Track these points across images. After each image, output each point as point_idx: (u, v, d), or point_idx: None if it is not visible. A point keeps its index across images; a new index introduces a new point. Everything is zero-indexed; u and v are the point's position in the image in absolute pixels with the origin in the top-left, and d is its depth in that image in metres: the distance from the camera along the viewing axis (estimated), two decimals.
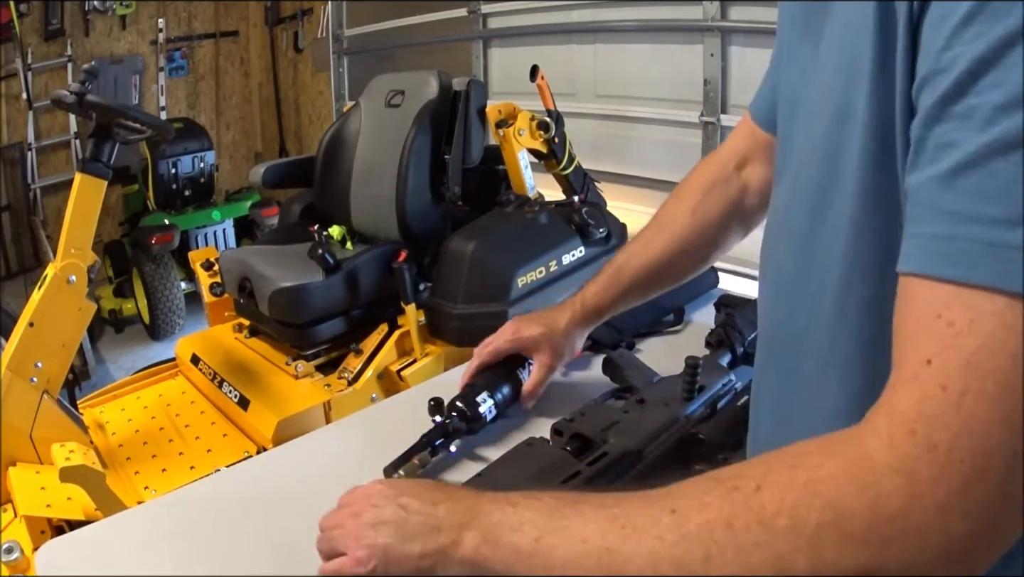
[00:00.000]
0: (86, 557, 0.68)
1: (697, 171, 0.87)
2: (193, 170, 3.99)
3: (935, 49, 0.36)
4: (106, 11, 4.42)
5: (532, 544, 0.44)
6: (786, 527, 0.36)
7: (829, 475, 0.37)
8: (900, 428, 0.35)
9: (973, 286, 0.33)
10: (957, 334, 0.34)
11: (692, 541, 0.38)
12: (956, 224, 0.34)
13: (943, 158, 0.35)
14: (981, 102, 0.33)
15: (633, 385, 0.88)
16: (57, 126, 4.34)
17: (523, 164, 2.34)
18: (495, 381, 0.86)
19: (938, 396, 0.34)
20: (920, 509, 0.34)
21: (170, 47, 4.77)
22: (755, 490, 0.38)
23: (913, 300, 0.37)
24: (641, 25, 2.79)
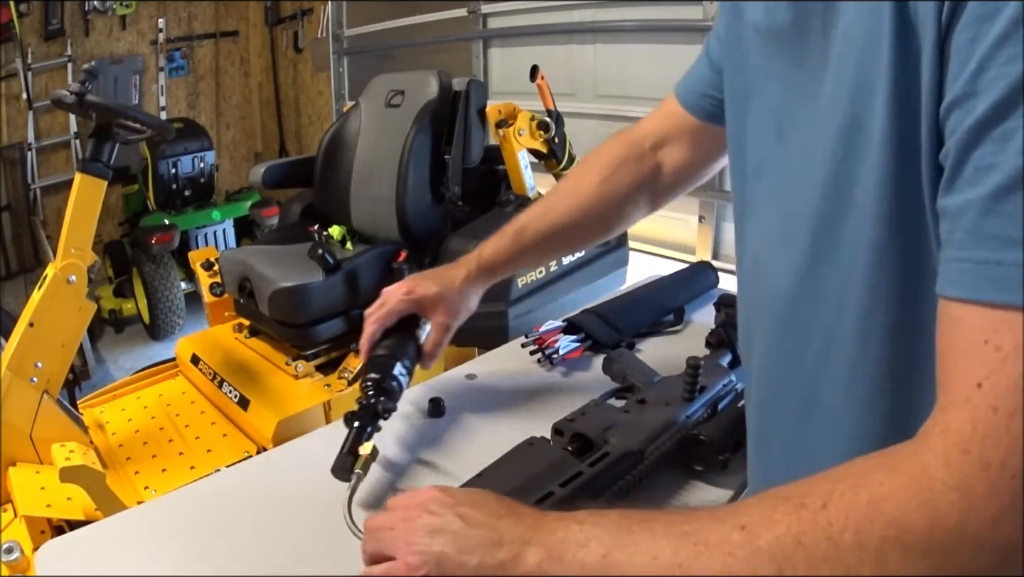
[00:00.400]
0: (86, 557, 0.68)
1: (609, 144, 0.87)
2: (193, 170, 3.99)
3: (968, 71, 0.36)
4: (106, 11, 4.42)
5: (600, 560, 0.43)
6: (852, 542, 0.38)
7: (890, 492, 0.38)
8: (955, 447, 0.37)
9: (1020, 309, 0.35)
10: (1005, 359, 0.35)
11: (763, 557, 0.39)
12: (1000, 249, 0.35)
13: (983, 181, 0.36)
14: (1019, 125, 0.34)
15: (634, 385, 0.88)
16: (57, 126, 4.34)
17: (523, 164, 2.34)
18: (400, 347, 0.83)
19: (989, 417, 0.36)
20: (976, 523, 0.36)
21: (170, 47, 4.77)
22: (822, 508, 0.39)
23: (960, 325, 0.38)
24: (641, 25, 2.79)
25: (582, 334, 1.06)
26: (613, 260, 2.28)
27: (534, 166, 2.41)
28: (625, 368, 0.92)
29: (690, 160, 0.83)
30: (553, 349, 1.03)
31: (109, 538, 0.72)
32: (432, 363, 0.87)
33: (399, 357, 0.81)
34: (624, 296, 1.20)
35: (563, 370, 1.02)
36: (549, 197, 0.88)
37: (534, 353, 1.04)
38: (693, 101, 0.78)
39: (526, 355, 1.05)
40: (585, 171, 0.87)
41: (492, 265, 0.88)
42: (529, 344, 1.05)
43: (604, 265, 2.24)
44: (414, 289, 0.86)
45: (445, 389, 0.96)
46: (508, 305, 1.98)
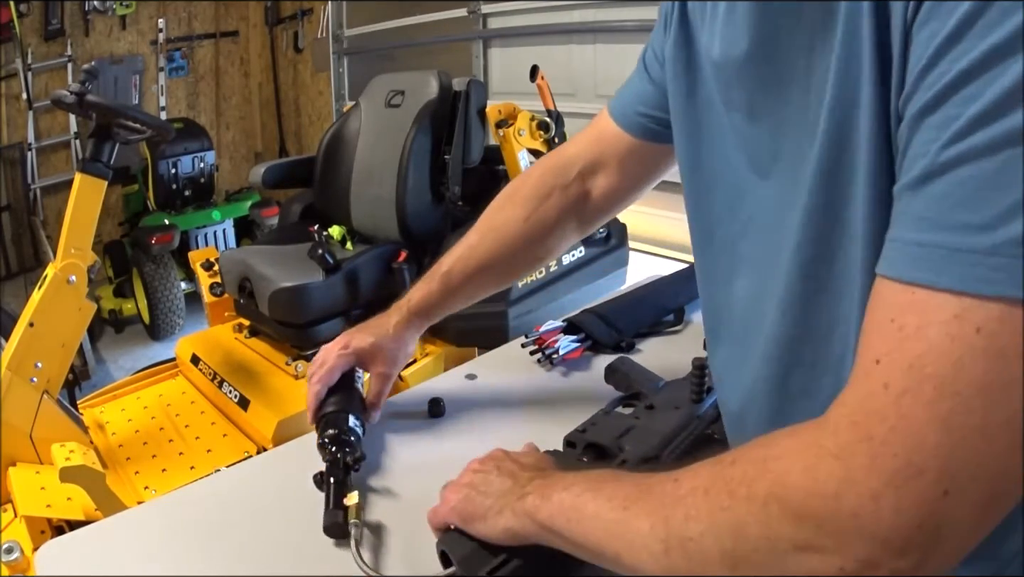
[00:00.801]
0: (86, 557, 0.68)
1: (534, 175, 0.86)
2: (193, 170, 3.99)
3: (919, 67, 0.36)
4: (106, 11, 4.42)
5: (573, 499, 0.51)
6: (744, 495, 0.40)
7: (782, 452, 0.40)
8: (845, 418, 0.37)
9: (932, 289, 0.35)
10: (905, 338, 0.36)
11: (679, 505, 0.44)
12: (927, 230, 0.35)
13: (917, 164, 0.36)
14: (957, 112, 0.34)
15: (640, 391, 0.87)
16: (57, 126, 4.34)
17: (523, 164, 2.34)
18: (347, 400, 0.83)
19: (880, 393, 0.36)
20: (854, 494, 0.35)
21: (170, 47, 4.78)
22: (731, 463, 0.43)
23: (876, 301, 0.38)
24: (641, 25, 2.79)
25: (582, 334, 1.06)
26: (613, 260, 2.28)
27: None
28: (629, 375, 0.90)
29: (619, 185, 0.83)
30: (553, 349, 1.03)
31: (109, 538, 0.72)
32: (377, 415, 0.87)
33: (349, 410, 0.81)
34: (624, 296, 1.20)
35: (563, 370, 1.02)
36: (471, 235, 0.88)
37: (534, 353, 1.04)
38: (631, 120, 0.77)
39: (526, 355, 1.05)
40: (510, 206, 0.86)
41: (422, 310, 0.89)
42: (529, 344, 1.05)
43: (604, 265, 2.24)
44: (349, 343, 0.86)
45: (445, 389, 0.96)
46: (508, 305, 1.98)
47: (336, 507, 0.68)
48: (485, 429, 0.89)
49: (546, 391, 0.95)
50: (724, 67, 0.54)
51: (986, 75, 0.33)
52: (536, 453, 0.67)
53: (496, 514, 0.57)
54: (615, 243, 2.28)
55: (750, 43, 0.50)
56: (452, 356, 2.07)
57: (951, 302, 0.34)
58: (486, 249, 0.86)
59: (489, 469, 0.62)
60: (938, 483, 0.34)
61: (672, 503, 0.44)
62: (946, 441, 0.34)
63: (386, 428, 0.91)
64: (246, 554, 0.68)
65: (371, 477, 0.80)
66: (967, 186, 0.34)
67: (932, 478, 0.34)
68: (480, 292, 0.89)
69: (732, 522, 0.40)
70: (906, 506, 0.34)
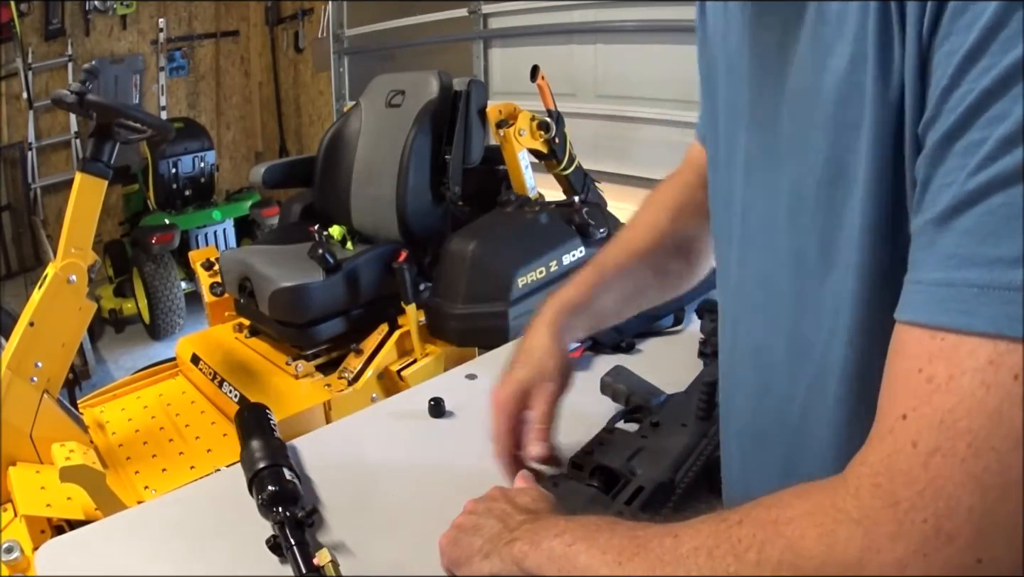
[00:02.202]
0: (86, 557, 0.68)
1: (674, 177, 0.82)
2: (193, 170, 3.99)
3: (941, 87, 0.33)
4: (106, 11, 4.42)
5: (565, 548, 0.48)
6: (753, 561, 0.37)
7: (795, 516, 0.37)
8: (867, 480, 0.35)
9: (962, 334, 0.32)
10: (935, 390, 0.32)
11: (680, 564, 0.41)
12: (954, 269, 0.32)
13: (942, 197, 0.33)
14: (983, 136, 0.31)
15: (641, 405, 0.84)
16: (57, 126, 4.34)
17: (523, 164, 2.34)
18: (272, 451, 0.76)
19: (907, 452, 0.33)
20: (877, 563, 0.33)
21: (170, 47, 4.78)
22: (738, 523, 0.40)
23: (901, 350, 0.35)
24: (642, 25, 2.79)
25: None
26: None
27: (534, 166, 2.41)
28: (627, 388, 0.87)
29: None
30: None
31: (109, 538, 0.71)
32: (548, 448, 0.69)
33: (279, 461, 0.75)
34: None
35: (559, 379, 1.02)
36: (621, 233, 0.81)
37: None
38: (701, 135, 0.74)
39: None
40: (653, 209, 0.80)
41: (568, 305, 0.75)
42: None
43: None
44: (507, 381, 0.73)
45: (445, 389, 0.96)
46: (508, 305, 1.98)
47: (310, 571, 0.62)
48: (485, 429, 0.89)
49: None
50: (730, 61, 0.54)
51: (1011, 92, 0.30)
52: (533, 491, 0.62)
53: (483, 558, 0.54)
54: None
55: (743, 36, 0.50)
56: (452, 356, 2.07)
57: (985, 346, 0.31)
58: (640, 240, 0.77)
59: (481, 511, 0.59)
60: (971, 550, 0.31)
61: (672, 562, 0.41)
62: (980, 504, 0.31)
63: (386, 428, 0.91)
64: (246, 554, 0.68)
65: (372, 478, 0.80)
66: (997, 216, 0.31)
67: (964, 545, 0.31)
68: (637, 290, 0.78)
69: None
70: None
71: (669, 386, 0.85)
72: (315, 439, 0.89)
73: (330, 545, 0.68)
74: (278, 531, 0.67)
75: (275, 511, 0.68)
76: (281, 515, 0.68)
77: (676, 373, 0.81)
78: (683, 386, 0.85)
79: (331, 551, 0.64)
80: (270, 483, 0.71)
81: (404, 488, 0.78)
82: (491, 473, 0.73)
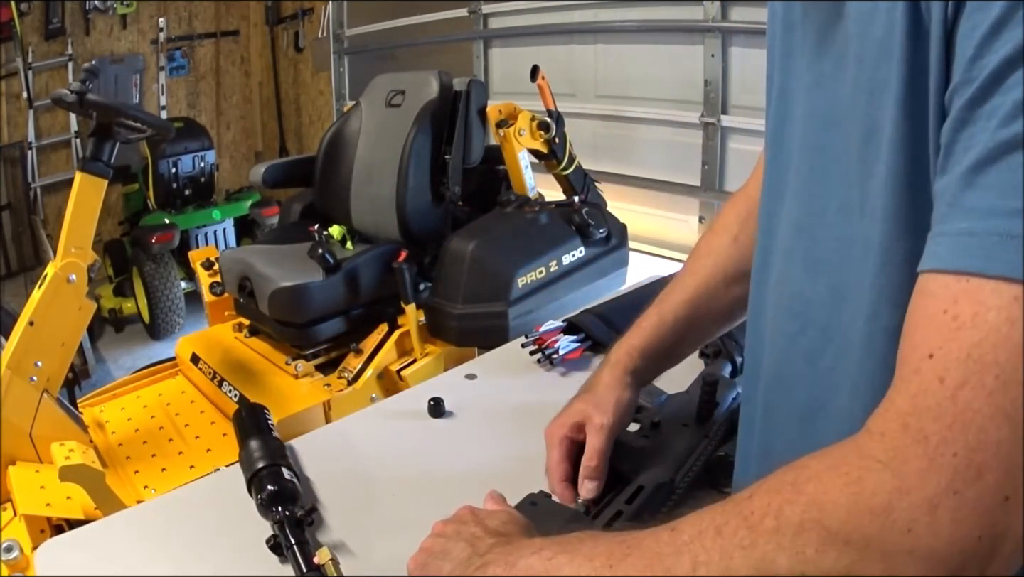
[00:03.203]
0: (85, 556, 0.68)
1: (729, 206, 0.80)
2: (193, 169, 3.99)
3: (966, 59, 0.35)
4: (107, 10, 4.42)
5: (544, 564, 0.46)
6: (771, 528, 0.36)
7: (815, 473, 0.36)
8: (894, 422, 0.34)
9: (985, 277, 0.33)
10: (960, 327, 0.33)
11: (683, 553, 0.39)
12: (977, 219, 0.34)
13: (966, 157, 0.35)
14: (1004, 100, 0.33)
15: (642, 405, 0.84)
16: (57, 125, 4.34)
17: (523, 164, 2.34)
18: (271, 451, 0.77)
19: (934, 388, 0.33)
20: (907, 505, 0.32)
21: (171, 46, 4.77)
22: (747, 498, 0.38)
23: (925, 298, 0.36)
24: (642, 25, 2.79)
25: (582, 334, 1.06)
26: (613, 260, 2.28)
27: (534, 166, 2.41)
28: None
29: None
30: (553, 349, 1.03)
31: (108, 537, 0.72)
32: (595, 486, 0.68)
33: (277, 461, 0.75)
34: (624, 296, 1.20)
35: (563, 370, 1.02)
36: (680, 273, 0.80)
37: (534, 353, 1.04)
38: None
39: (526, 355, 1.05)
40: (712, 235, 0.79)
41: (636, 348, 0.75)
42: (529, 344, 1.05)
43: (604, 265, 2.24)
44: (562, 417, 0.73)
45: (445, 389, 0.96)
46: (508, 305, 1.98)
47: (310, 570, 0.62)
48: (485, 429, 0.89)
49: (546, 391, 0.95)
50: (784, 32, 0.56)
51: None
52: (504, 513, 0.59)
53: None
54: (615, 243, 2.28)
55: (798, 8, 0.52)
56: (452, 356, 2.07)
57: (1009, 287, 0.32)
58: (701, 273, 0.76)
59: (450, 533, 0.57)
60: (1000, 487, 0.31)
61: (673, 553, 0.39)
62: (1009, 437, 0.31)
63: (386, 428, 0.91)
64: (246, 554, 0.68)
65: (372, 478, 0.80)
66: (1017, 172, 0.32)
67: (993, 481, 0.31)
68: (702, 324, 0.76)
69: (756, 560, 0.36)
70: (965, 515, 0.31)
71: (670, 386, 0.85)
72: (315, 439, 0.89)
73: (330, 544, 0.68)
74: (278, 530, 0.67)
75: (274, 510, 0.69)
76: (280, 514, 0.68)
77: (679, 373, 0.81)
78: (684, 386, 0.85)
79: (331, 550, 0.64)
80: (269, 483, 0.71)
81: (403, 488, 0.78)
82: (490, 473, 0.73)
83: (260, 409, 0.87)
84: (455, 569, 0.52)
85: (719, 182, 2.65)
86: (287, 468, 0.75)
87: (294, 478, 0.74)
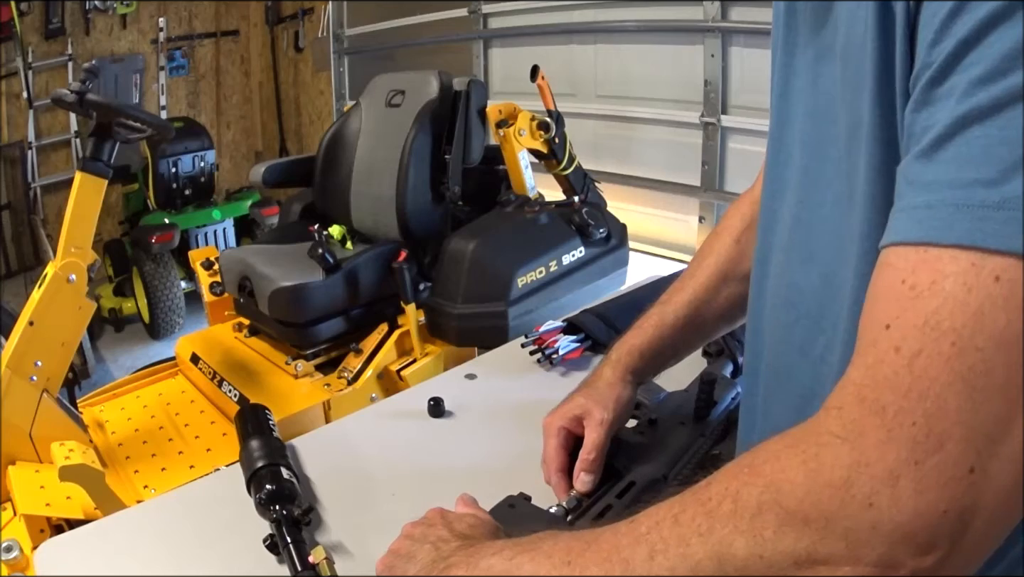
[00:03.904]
0: (85, 556, 0.68)
1: (734, 207, 0.80)
2: (193, 169, 3.99)
3: (926, 44, 0.36)
4: (107, 10, 4.42)
5: (505, 564, 0.46)
6: (728, 512, 0.35)
7: (772, 454, 0.36)
8: (850, 395, 0.34)
9: (942, 246, 0.32)
10: (917, 296, 0.32)
11: (640, 542, 0.39)
12: (935, 192, 0.34)
13: (925, 137, 0.35)
14: (960, 79, 0.33)
15: (641, 402, 0.84)
16: (57, 125, 4.34)
17: (523, 164, 2.34)
18: (271, 450, 0.77)
19: (890, 358, 0.32)
20: (867, 477, 0.31)
21: (171, 46, 4.78)
22: (706, 485, 0.38)
23: (884, 268, 0.35)
24: (642, 25, 2.79)
25: (582, 334, 1.06)
26: (613, 260, 2.28)
27: (534, 166, 2.41)
28: None
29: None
30: (553, 349, 1.03)
31: (108, 537, 0.72)
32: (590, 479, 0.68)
33: (277, 460, 0.75)
34: (624, 296, 1.20)
35: (563, 370, 1.02)
36: (684, 274, 0.80)
37: (534, 353, 1.04)
38: None
39: (526, 355, 1.05)
40: (715, 237, 0.79)
41: (636, 348, 0.75)
42: (529, 344, 1.05)
43: (604, 265, 2.24)
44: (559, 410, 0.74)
45: (445, 389, 0.96)
46: (508, 305, 1.98)
47: (305, 569, 0.63)
48: (485, 429, 0.89)
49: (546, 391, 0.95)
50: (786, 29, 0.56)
51: (986, 40, 0.32)
52: (472, 516, 0.60)
53: None
54: (615, 243, 2.28)
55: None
56: (452, 356, 2.07)
57: (965, 254, 0.31)
58: (703, 274, 0.77)
59: (417, 536, 0.57)
60: (963, 457, 0.30)
61: (630, 544, 0.39)
62: (968, 404, 0.30)
63: (386, 428, 0.91)
64: (245, 553, 0.68)
65: (372, 477, 0.80)
66: (973, 146, 0.32)
67: (956, 451, 0.30)
68: (703, 323, 0.76)
69: (714, 546, 0.35)
70: (928, 486, 0.30)
71: (672, 384, 0.85)
72: (314, 439, 0.89)
73: (328, 544, 0.68)
74: (275, 529, 0.67)
75: (272, 510, 0.69)
76: (278, 513, 0.68)
77: (679, 371, 0.81)
78: (685, 384, 0.85)
79: (326, 549, 0.65)
80: (268, 482, 0.71)
81: (403, 488, 0.78)
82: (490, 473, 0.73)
83: (262, 409, 0.87)
84: (420, 571, 0.53)
85: (719, 182, 2.65)
86: (287, 468, 0.75)
87: (293, 478, 0.74)
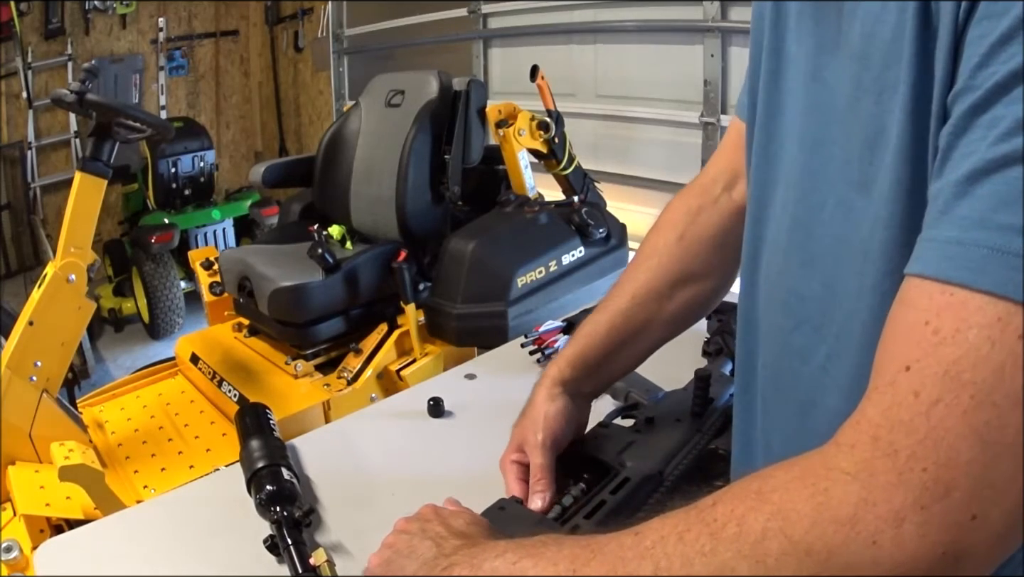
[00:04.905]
0: (85, 556, 0.68)
1: (679, 199, 0.77)
2: (193, 169, 3.99)
3: (972, 65, 0.35)
4: (106, 10, 4.42)
5: (509, 567, 0.46)
6: (733, 535, 0.36)
7: (782, 483, 0.36)
8: (864, 434, 0.34)
9: (971, 291, 0.32)
10: (940, 342, 0.32)
11: (645, 556, 0.39)
12: (967, 229, 0.33)
13: (963, 165, 0.34)
14: (1007, 113, 0.33)
15: (638, 402, 0.85)
16: (57, 125, 4.33)
17: (523, 164, 2.34)
18: (272, 451, 0.77)
19: (909, 402, 0.33)
20: (873, 516, 0.32)
21: (170, 46, 4.77)
22: (711, 505, 0.38)
23: (908, 303, 0.35)
24: (641, 25, 2.79)
25: None
26: (613, 260, 2.28)
27: (534, 166, 2.41)
28: (626, 385, 0.88)
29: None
30: (553, 349, 1.03)
31: (108, 537, 0.72)
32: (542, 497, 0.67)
33: (277, 460, 0.75)
34: None
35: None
36: (624, 272, 0.78)
37: (534, 353, 1.04)
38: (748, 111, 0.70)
39: (526, 355, 1.05)
40: (657, 233, 0.76)
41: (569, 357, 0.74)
42: (529, 344, 1.05)
43: (604, 265, 2.24)
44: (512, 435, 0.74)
45: (445, 389, 0.96)
46: (508, 305, 1.98)
47: (306, 571, 0.62)
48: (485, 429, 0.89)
49: None
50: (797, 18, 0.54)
51: None
52: (467, 515, 0.60)
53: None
54: (615, 243, 2.28)
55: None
56: (452, 356, 2.07)
57: (994, 305, 0.31)
58: (642, 276, 0.74)
59: (415, 531, 0.57)
60: (967, 506, 0.31)
61: (635, 558, 0.39)
62: (979, 458, 0.31)
63: (386, 428, 0.91)
64: (245, 554, 0.68)
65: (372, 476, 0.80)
66: (1013, 187, 0.32)
67: (961, 500, 0.31)
68: (643, 330, 0.74)
69: (717, 567, 0.35)
70: (930, 531, 0.31)
71: (672, 384, 0.85)
72: (314, 439, 0.89)
73: (329, 545, 0.68)
74: (275, 530, 0.67)
75: (273, 510, 0.68)
76: (279, 514, 0.68)
77: (680, 371, 0.81)
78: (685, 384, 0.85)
79: (327, 551, 0.65)
80: (268, 483, 0.71)
81: (403, 488, 0.78)
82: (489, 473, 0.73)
83: (262, 409, 0.87)
84: (420, 568, 0.52)
85: None
86: (287, 468, 0.75)
87: (293, 478, 0.74)
